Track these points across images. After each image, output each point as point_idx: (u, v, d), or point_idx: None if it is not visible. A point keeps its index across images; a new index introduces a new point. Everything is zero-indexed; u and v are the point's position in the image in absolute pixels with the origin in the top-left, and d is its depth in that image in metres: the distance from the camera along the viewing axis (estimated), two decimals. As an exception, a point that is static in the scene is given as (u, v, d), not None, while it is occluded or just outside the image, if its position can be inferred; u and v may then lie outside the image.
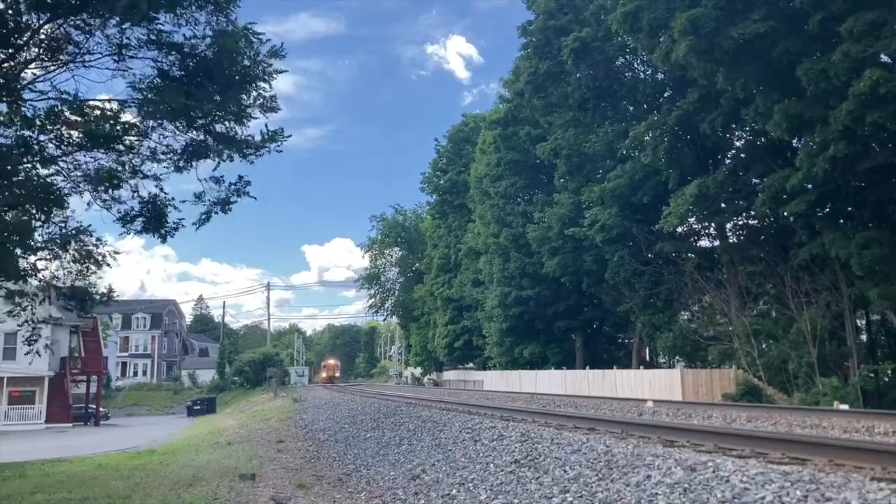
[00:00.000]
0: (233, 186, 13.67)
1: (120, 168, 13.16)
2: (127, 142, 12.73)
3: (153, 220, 13.70)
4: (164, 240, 13.90)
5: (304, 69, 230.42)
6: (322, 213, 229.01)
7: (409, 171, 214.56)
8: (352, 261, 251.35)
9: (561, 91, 34.99)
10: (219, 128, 13.03)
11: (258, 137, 13.33)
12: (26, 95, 12.22)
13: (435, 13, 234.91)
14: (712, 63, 23.10)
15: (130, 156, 13.09)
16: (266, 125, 13.45)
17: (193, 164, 13.35)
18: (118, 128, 12.19)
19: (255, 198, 14.08)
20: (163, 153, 13.26)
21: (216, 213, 13.67)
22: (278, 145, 13.38)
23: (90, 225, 15.02)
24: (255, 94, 12.94)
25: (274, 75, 12.88)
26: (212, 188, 13.62)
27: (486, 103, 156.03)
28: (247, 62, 12.52)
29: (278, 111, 13.35)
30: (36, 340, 15.72)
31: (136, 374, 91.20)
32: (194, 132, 13.05)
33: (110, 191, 13.03)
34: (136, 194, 13.45)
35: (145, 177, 13.43)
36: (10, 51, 11.99)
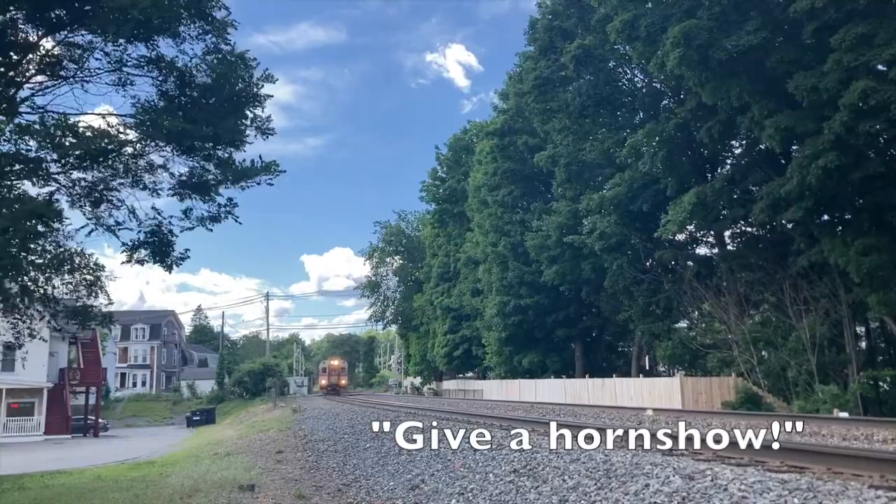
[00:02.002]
0: (223, 208, 13.80)
1: (115, 184, 13.21)
2: (123, 159, 12.79)
3: (159, 249, 13.77)
4: (169, 270, 13.98)
5: (305, 78, 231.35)
6: (321, 223, 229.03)
7: (408, 180, 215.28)
8: (351, 270, 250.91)
9: (561, 97, 35.16)
10: (217, 154, 13.11)
11: (251, 164, 13.44)
12: (24, 110, 12.27)
13: (435, 22, 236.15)
14: (707, 73, 23.24)
15: (126, 173, 13.14)
16: (260, 156, 13.63)
17: (192, 196, 13.44)
18: (112, 145, 12.25)
19: (241, 222, 14.18)
20: (160, 167, 13.32)
21: (207, 227, 13.81)
22: (271, 178, 13.56)
23: (90, 251, 15.09)
24: (250, 115, 13.06)
25: (264, 99, 13.02)
26: (200, 206, 13.76)
27: (486, 112, 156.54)
28: (241, 84, 12.64)
29: (274, 133, 13.48)
30: (17, 348, 15.70)
31: (135, 384, 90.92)
32: (192, 158, 13.12)
33: (105, 210, 13.05)
34: (133, 217, 13.48)
35: (143, 187, 13.44)
36: (8, 62, 12.05)
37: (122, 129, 12.79)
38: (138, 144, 12.77)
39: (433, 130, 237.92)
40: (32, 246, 13.32)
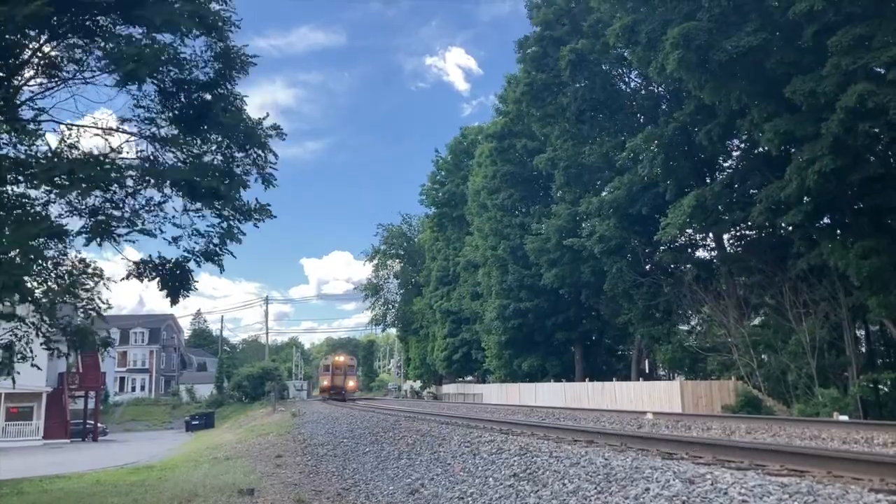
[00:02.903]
0: (214, 245, 13.54)
1: (117, 214, 13.06)
2: (124, 191, 12.70)
3: (172, 279, 13.44)
4: (174, 302, 13.67)
5: (305, 82, 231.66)
6: (321, 226, 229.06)
7: (408, 184, 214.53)
8: (351, 273, 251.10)
9: (558, 102, 35.21)
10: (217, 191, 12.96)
11: (247, 205, 13.33)
12: (25, 114, 12.25)
13: (435, 25, 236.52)
14: (706, 75, 23.28)
15: (126, 202, 13.04)
16: (257, 199, 13.49)
17: (194, 212, 13.31)
18: (114, 172, 12.17)
19: (235, 256, 13.84)
20: (162, 202, 13.21)
21: (198, 262, 13.60)
22: (260, 219, 13.45)
23: (89, 259, 14.96)
24: (254, 155, 12.97)
25: (269, 148, 12.93)
26: (190, 236, 13.55)
27: (486, 115, 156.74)
28: (248, 122, 12.57)
29: (275, 185, 13.34)
30: (6, 370, 15.40)
31: (134, 389, 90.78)
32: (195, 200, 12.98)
33: (106, 237, 12.87)
34: (132, 225, 13.31)
35: (141, 230, 13.23)
36: (10, 65, 12.03)
37: (126, 157, 12.75)
38: (137, 172, 12.68)
39: (433, 133, 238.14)
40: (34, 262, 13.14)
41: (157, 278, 13.37)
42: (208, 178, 12.41)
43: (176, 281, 13.41)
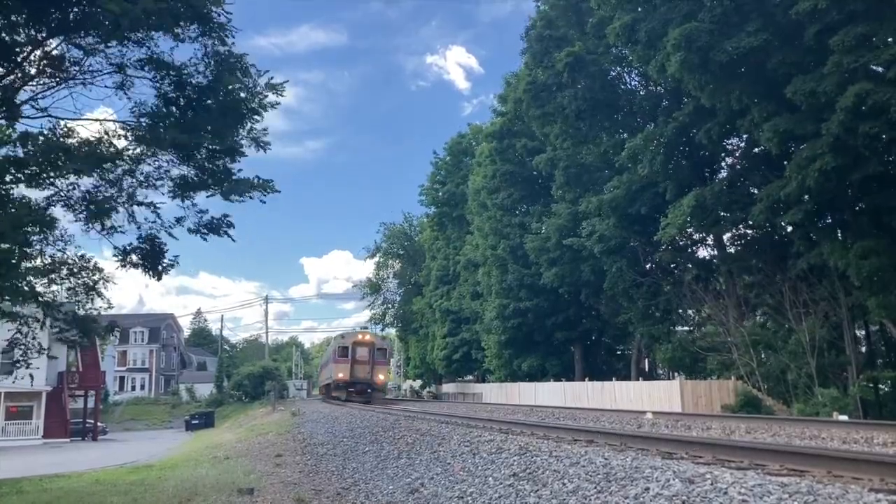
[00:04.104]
0: (214, 221, 13.57)
1: (113, 193, 13.11)
2: (120, 168, 12.74)
3: (150, 256, 13.58)
4: (158, 277, 13.73)
5: (305, 81, 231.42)
6: (321, 225, 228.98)
7: (409, 183, 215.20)
8: (351, 273, 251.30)
9: (557, 102, 35.22)
10: (212, 164, 12.99)
11: (248, 180, 13.32)
12: (25, 112, 12.25)
13: (435, 25, 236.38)
14: (707, 76, 23.27)
15: (123, 182, 13.07)
16: (258, 176, 13.45)
17: (188, 195, 13.33)
18: (111, 150, 12.20)
19: (235, 240, 13.81)
20: (157, 179, 13.25)
21: (203, 236, 13.62)
22: (264, 194, 13.43)
23: (89, 255, 14.98)
24: (248, 126, 12.94)
25: (267, 108, 12.88)
26: (193, 216, 13.61)
27: (486, 114, 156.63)
28: (244, 94, 12.54)
29: (269, 147, 13.33)
30: (25, 365, 15.48)
31: (133, 388, 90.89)
32: (187, 167, 13.03)
33: (104, 219, 12.91)
34: (132, 221, 13.37)
35: (139, 203, 13.30)
36: (10, 66, 12.03)
37: (120, 133, 12.75)
38: (136, 150, 12.71)
39: (433, 133, 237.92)
40: (28, 251, 13.21)
41: (139, 255, 13.49)
42: (203, 136, 12.43)
43: (151, 253, 13.51)
